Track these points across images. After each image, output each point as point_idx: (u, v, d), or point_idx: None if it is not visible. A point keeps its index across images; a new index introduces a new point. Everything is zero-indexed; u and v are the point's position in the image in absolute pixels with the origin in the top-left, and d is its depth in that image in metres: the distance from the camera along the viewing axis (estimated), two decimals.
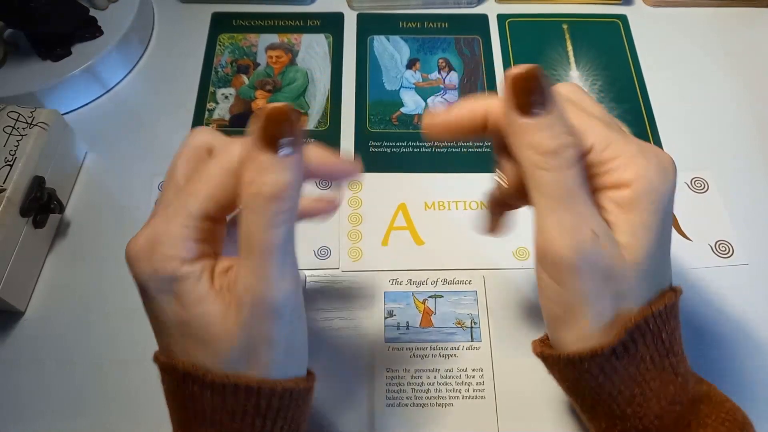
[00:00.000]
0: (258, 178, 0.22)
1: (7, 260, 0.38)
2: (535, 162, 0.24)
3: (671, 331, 0.26)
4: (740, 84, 0.51)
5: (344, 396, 0.37)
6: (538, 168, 0.24)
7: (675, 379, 0.26)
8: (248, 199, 0.23)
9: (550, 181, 0.24)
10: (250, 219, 0.23)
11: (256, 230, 0.23)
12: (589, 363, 0.26)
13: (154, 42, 0.54)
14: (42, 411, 0.37)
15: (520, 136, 0.24)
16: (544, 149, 0.24)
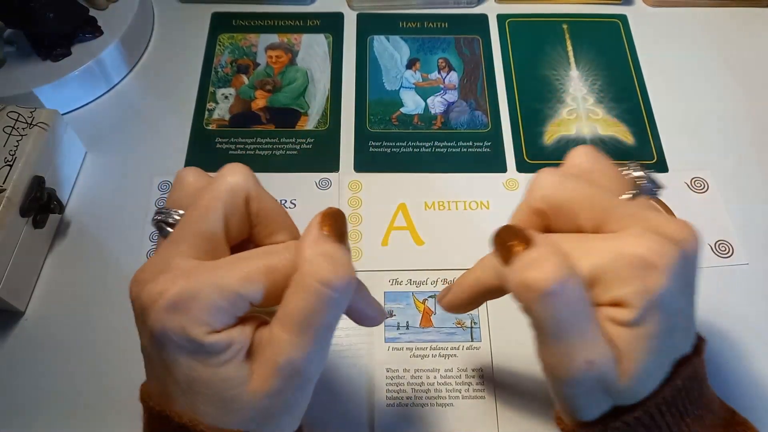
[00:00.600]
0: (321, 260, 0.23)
1: (7, 260, 0.38)
2: (529, 299, 0.24)
3: (689, 396, 0.26)
4: (740, 84, 0.51)
5: (344, 396, 0.37)
6: (532, 303, 0.24)
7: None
8: (311, 282, 0.23)
9: (543, 315, 0.24)
10: (308, 299, 0.23)
11: (314, 312, 0.23)
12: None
13: (154, 42, 0.54)
14: (42, 411, 0.37)
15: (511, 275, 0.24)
16: (535, 285, 0.23)
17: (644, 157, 0.47)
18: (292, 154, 0.47)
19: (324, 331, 0.24)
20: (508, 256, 0.24)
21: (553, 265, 0.23)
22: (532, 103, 0.50)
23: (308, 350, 0.23)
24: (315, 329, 0.23)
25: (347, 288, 0.23)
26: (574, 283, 0.23)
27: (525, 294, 0.24)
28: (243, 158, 0.47)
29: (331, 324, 0.24)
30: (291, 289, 0.23)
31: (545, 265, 0.23)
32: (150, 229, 0.43)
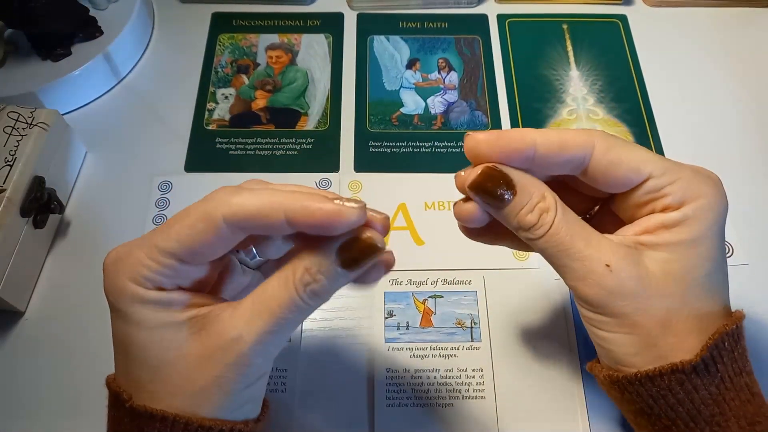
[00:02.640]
0: (316, 273, 0.24)
1: (7, 260, 0.38)
2: (527, 237, 0.27)
3: (742, 351, 0.27)
4: (740, 84, 0.51)
5: (344, 396, 0.37)
6: (531, 240, 0.27)
7: (752, 398, 0.26)
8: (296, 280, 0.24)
9: (545, 245, 0.27)
10: (285, 293, 0.24)
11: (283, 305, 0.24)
12: (670, 379, 0.26)
13: (154, 42, 0.54)
14: (42, 411, 0.37)
15: (507, 222, 0.27)
16: (528, 224, 0.27)
17: None
18: (292, 155, 0.47)
19: (283, 325, 0.25)
20: (500, 205, 0.27)
21: (541, 205, 0.26)
22: (532, 103, 0.50)
23: (260, 335, 0.24)
24: (276, 320, 0.24)
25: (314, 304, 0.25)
26: (562, 209, 0.27)
27: (527, 236, 0.27)
28: (243, 158, 0.47)
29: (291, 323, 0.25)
30: (276, 277, 0.25)
31: (535, 206, 0.26)
32: (150, 229, 0.43)
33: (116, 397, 0.25)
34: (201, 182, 0.46)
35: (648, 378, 0.26)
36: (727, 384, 0.26)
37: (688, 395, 0.26)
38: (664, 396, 0.26)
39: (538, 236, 0.27)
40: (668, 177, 0.27)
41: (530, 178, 0.27)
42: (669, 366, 0.26)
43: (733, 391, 0.26)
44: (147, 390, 0.25)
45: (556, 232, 0.26)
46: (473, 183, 0.27)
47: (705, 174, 0.27)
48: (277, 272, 0.25)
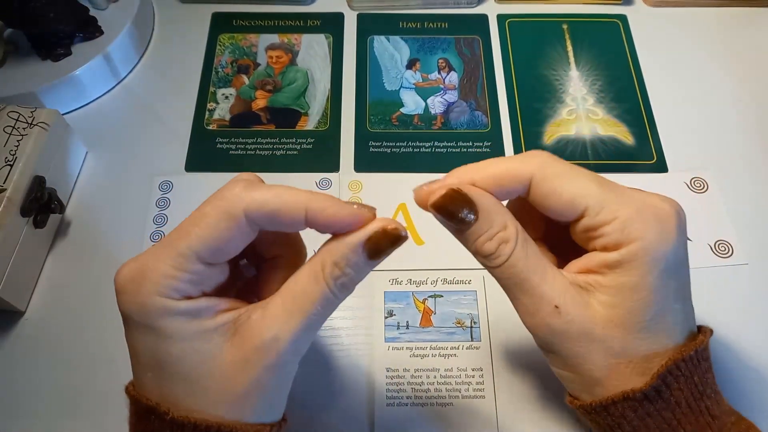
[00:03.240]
0: (345, 267, 0.25)
1: (7, 260, 0.38)
2: (484, 264, 0.27)
3: (703, 374, 0.26)
4: (740, 84, 0.51)
5: (344, 396, 0.37)
6: (488, 268, 0.27)
7: (711, 421, 0.26)
8: (326, 275, 0.25)
9: (501, 275, 0.27)
10: (316, 288, 0.25)
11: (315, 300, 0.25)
12: (623, 406, 0.26)
13: (154, 42, 0.54)
14: (42, 410, 0.37)
15: (466, 245, 0.27)
16: (486, 253, 0.27)
17: (644, 157, 0.47)
18: (293, 155, 0.47)
19: (316, 320, 0.25)
20: (460, 228, 0.27)
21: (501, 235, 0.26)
22: (532, 103, 0.50)
23: (295, 332, 0.24)
24: (309, 315, 0.24)
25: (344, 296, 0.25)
26: (522, 242, 0.26)
27: (484, 262, 0.27)
28: (243, 158, 0.47)
29: (323, 317, 0.25)
30: (303, 271, 0.25)
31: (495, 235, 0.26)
32: (150, 229, 0.43)
33: (150, 410, 0.25)
34: (201, 182, 0.46)
35: (602, 407, 0.27)
36: (684, 409, 0.26)
37: (642, 421, 0.26)
38: (619, 424, 0.26)
39: (495, 265, 0.27)
40: (604, 215, 0.25)
41: (496, 204, 0.27)
42: (621, 394, 0.26)
43: (691, 416, 0.26)
44: (184, 403, 0.25)
45: (513, 264, 0.26)
46: (436, 203, 0.27)
47: (651, 211, 0.26)
48: (304, 269, 0.25)
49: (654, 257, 0.25)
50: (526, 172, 0.27)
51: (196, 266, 0.24)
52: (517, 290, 0.27)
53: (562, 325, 0.26)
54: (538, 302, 0.26)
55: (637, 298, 0.25)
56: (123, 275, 0.24)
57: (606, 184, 0.27)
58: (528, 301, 0.27)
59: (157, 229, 0.43)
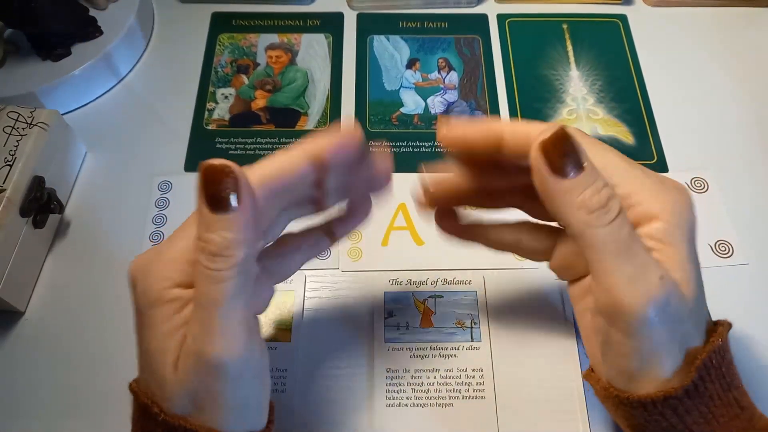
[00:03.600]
0: (203, 234, 0.22)
1: (7, 260, 0.38)
2: (586, 221, 0.24)
3: (728, 365, 0.26)
4: (740, 84, 0.51)
5: (344, 396, 0.37)
6: (591, 227, 0.24)
7: (741, 413, 0.26)
8: (197, 254, 0.23)
9: (606, 237, 0.24)
10: (197, 273, 0.23)
11: (200, 286, 0.23)
12: (662, 405, 0.25)
13: (154, 42, 0.54)
14: (41, 410, 0.37)
15: (564, 198, 0.24)
16: (594, 206, 0.23)
17: (644, 157, 0.47)
18: None
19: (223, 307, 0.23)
20: (562, 172, 0.24)
21: (608, 190, 0.24)
22: (532, 103, 0.50)
23: (210, 329, 0.23)
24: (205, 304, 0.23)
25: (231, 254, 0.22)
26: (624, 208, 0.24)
27: (589, 221, 0.24)
28: (243, 158, 0.47)
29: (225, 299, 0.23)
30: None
31: (602, 189, 0.24)
32: (150, 229, 0.43)
33: (145, 408, 0.25)
34: None
35: (641, 404, 0.26)
36: (716, 401, 0.26)
37: (680, 419, 0.25)
38: (656, 420, 0.26)
39: (604, 222, 0.23)
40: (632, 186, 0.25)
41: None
42: (662, 394, 0.25)
43: (723, 408, 0.26)
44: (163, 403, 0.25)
45: (624, 223, 0.24)
46: (546, 142, 0.24)
47: (670, 183, 0.26)
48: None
49: (688, 222, 0.25)
50: None
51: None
52: (622, 255, 0.23)
53: (665, 298, 0.23)
54: (646, 270, 0.23)
55: (695, 268, 0.25)
56: (134, 264, 0.25)
57: (626, 158, 0.27)
58: (632, 271, 0.23)
59: (156, 229, 0.43)
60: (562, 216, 0.25)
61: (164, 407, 0.24)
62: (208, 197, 0.22)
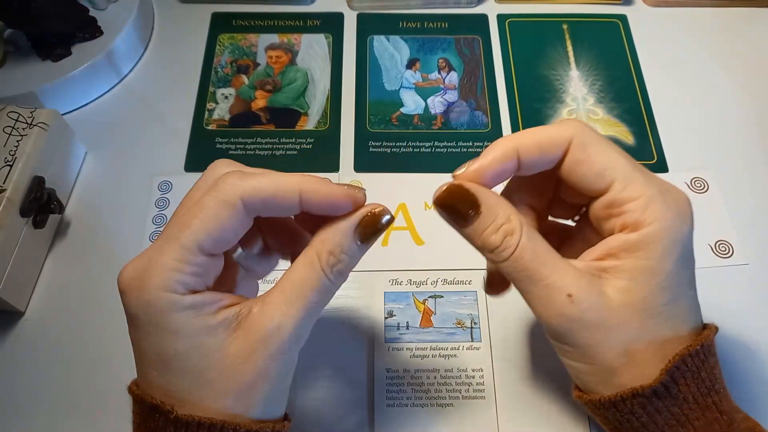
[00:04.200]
0: (340, 254, 0.26)
1: (7, 260, 0.38)
2: (492, 258, 0.27)
3: (710, 369, 0.26)
4: (740, 84, 0.51)
5: (344, 396, 0.37)
6: (495, 263, 0.27)
7: (720, 417, 0.26)
8: (323, 263, 0.25)
9: (509, 268, 0.26)
10: (314, 276, 0.25)
11: (314, 288, 0.25)
12: (632, 403, 0.26)
13: (154, 42, 0.54)
14: (41, 410, 0.37)
15: (472, 241, 0.28)
16: (491, 247, 0.26)
17: (644, 157, 0.47)
18: (292, 154, 0.47)
19: (316, 307, 0.26)
20: (463, 223, 0.27)
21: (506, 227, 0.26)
22: (532, 103, 0.50)
23: (297, 320, 0.25)
24: (310, 303, 0.25)
25: (340, 282, 0.26)
26: (528, 233, 0.26)
27: (492, 258, 0.27)
28: (243, 158, 0.47)
29: (322, 303, 0.26)
30: (300, 261, 0.26)
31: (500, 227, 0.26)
32: (150, 229, 0.43)
33: (154, 408, 0.25)
34: None
35: (611, 403, 0.26)
36: (692, 405, 0.26)
37: (651, 417, 0.26)
38: (628, 419, 0.26)
39: (502, 258, 0.26)
40: (630, 191, 0.26)
41: (498, 198, 0.27)
42: (629, 391, 0.26)
43: (699, 411, 0.26)
44: (188, 399, 0.25)
45: (521, 256, 0.26)
46: (438, 199, 0.27)
47: (671, 195, 0.26)
48: (299, 260, 0.26)
49: (674, 240, 0.25)
50: (565, 137, 0.27)
51: (200, 258, 0.24)
52: (528, 283, 0.26)
53: (577, 313, 0.25)
54: (551, 292, 0.26)
55: (655, 282, 0.25)
56: (126, 275, 0.25)
57: (632, 161, 0.27)
58: (540, 293, 0.26)
59: (156, 229, 0.43)
60: (481, 253, 0.28)
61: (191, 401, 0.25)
62: (367, 234, 0.26)
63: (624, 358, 0.26)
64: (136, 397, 0.26)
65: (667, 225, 0.25)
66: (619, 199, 0.26)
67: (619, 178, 0.26)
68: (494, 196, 0.27)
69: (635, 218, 0.25)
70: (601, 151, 0.26)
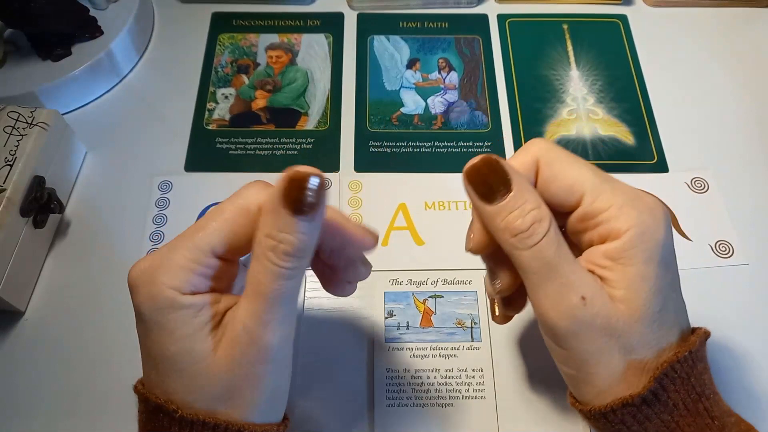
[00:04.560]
0: (277, 234, 0.23)
1: (7, 260, 0.38)
2: (512, 244, 0.25)
3: (699, 375, 0.26)
4: (740, 84, 0.51)
5: (344, 396, 0.37)
6: (516, 249, 0.25)
7: (711, 422, 0.26)
8: (264, 250, 0.23)
9: (529, 259, 0.25)
10: (261, 268, 0.24)
11: (265, 280, 0.24)
12: (622, 413, 0.26)
13: (154, 42, 0.54)
14: (41, 410, 0.37)
15: (492, 221, 0.26)
16: (517, 230, 0.25)
17: (644, 157, 0.47)
18: (293, 154, 0.47)
19: (285, 300, 0.24)
20: (487, 198, 0.25)
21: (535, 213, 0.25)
22: (532, 103, 0.50)
23: (268, 319, 0.24)
24: (267, 296, 0.24)
25: (301, 256, 0.24)
26: (555, 226, 0.25)
27: (512, 243, 0.25)
28: (243, 158, 0.47)
29: (285, 292, 0.24)
30: (252, 258, 0.24)
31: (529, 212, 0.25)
32: (150, 229, 0.43)
33: (158, 408, 0.25)
34: (201, 182, 0.46)
35: (601, 414, 0.26)
36: (682, 411, 0.26)
37: (642, 426, 0.26)
38: (619, 429, 0.26)
39: (526, 246, 0.25)
40: (600, 203, 0.26)
41: (529, 184, 0.26)
42: (619, 401, 0.26)
43: (689, 417, 0.26)
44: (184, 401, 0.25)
45: (547, 247, 0.25)
46: (471, 167, 0.26)
47: (641, 200, 0.26)
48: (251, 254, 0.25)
49: (653, 242, 0.25)
50: (531, 157, 0.27)
51: (212, 260, 0.25)
52: (545, 278, 0.25)
53: (588, 317, 0.25)
54: (566, 291, 0.25)
55: (647, 287, 0.25)
56: (137, 269, 0.25)
57: (599, 173, 0.27)
58: (554, 290, 0.25)
59: (156, 229, 0.43)
60: (496, 237, 0.26)
61: (186, 404, 0.25)
62: (292, 201, 0.23)
63: (623, 367, 0.26)
64: (141, 395, 0.26)
65: (642, 230, 0.25)
66: (591, 212, 0.26)
67: (588, 191, 0.26)
68: (526, 180, 0.26)
69: (611, 227, 0.25)
70: (567, 167, 0.26)
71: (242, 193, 0.25)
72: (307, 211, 0.23)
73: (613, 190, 0.26)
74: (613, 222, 0.25)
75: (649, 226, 0.25)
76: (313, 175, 0.23)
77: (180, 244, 0.25)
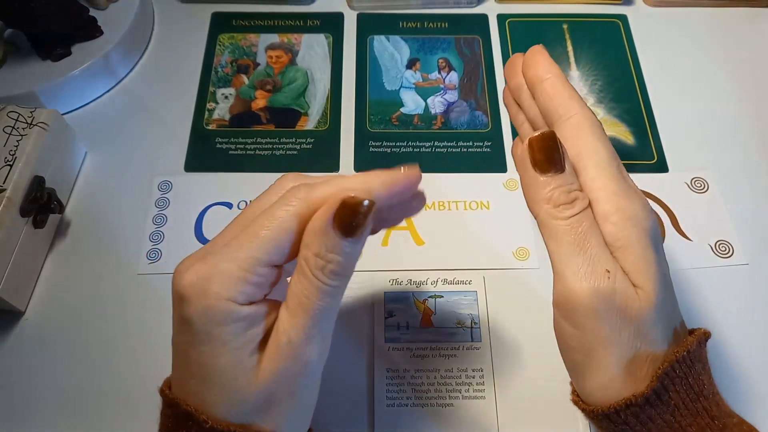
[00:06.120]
0: (326, 255, 0.24)
1: (7, 260, 0.38)
2: (551, 213, 0.26)
3: (697, 375, 0.26)
4: (740, 84, 0.51)
5: (344, 396, 0.37)
6: (554, 218, 0.26)
7: (711, 422, 0.26)
8: (312, 269, 0.24)
9: (565, 228, 0.26)
10: (309, 284, 0.24)
11: (312, 296, 0.24)
12: (625, 414, 0.26)
13: (154, 42, 0.54)
14: (41, 410, 0.37)
15: (537, 190, 0.27)
16: (559, 202, 0.26)
17: (644, 157, 0.47)
18: (292, 154, 0.47)
19: (321, 314, 0.25)
20: (541, 169, 0.26)
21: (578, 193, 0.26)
22: None
23: (311, 334, 0.24)
24: (312, 312, 0.24)
25: (346, 275, 0.25)
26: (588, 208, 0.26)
27: (551, 213, 0.26)
28: (243, 158, 0.47)
29: (328, 308, 0.25)
30: (296, 273, 0.25)
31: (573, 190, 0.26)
32: (150, 229, 0.43)
33: (188, 416, 0.25)
34: (201, 182, 0.46)
35: (604, 415, 0.26)
36: (682, 411, 0.26)
37: (645, 426, 0.26)
38: (623, 429, 0.26)
39: (564, 216, 0.26)
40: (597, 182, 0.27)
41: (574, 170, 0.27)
42: (623, 401, 0.26)
43: (690, 417, 0.26)
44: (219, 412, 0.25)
45: (582, 221, 0.26)
46: (535, 139, 0.27)
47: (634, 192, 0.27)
48: (296, 269, 0.25)
49: (645, 225, 0.26)
50: None
51: (265, 269, 0.24)
52: (577, 248, 0.26)
53: (610, 291, 0.25)
54: (594, 263, 0.25)
55: (653, 271, 0.25)
56: (187, 278, 0.24)
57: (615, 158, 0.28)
58: (584, 261, 0.25)
59: (156, 229, 0.43)
60: (532, 205, 0.27)
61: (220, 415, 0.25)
62: (344, 225, 0.24)
63: (628, 357, 0.26)
64: (171, 401, 0.25)
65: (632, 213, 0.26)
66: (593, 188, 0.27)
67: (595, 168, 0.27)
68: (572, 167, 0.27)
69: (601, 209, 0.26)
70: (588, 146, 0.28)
71: (290, 199, 0.25)
72: (357, 234, 0.24)
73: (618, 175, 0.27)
74: (603, 203, 0.26)
75: (637, 213, 0.26)
76: (364, 200, 0.24)
77: (231, 253, 0.24)
